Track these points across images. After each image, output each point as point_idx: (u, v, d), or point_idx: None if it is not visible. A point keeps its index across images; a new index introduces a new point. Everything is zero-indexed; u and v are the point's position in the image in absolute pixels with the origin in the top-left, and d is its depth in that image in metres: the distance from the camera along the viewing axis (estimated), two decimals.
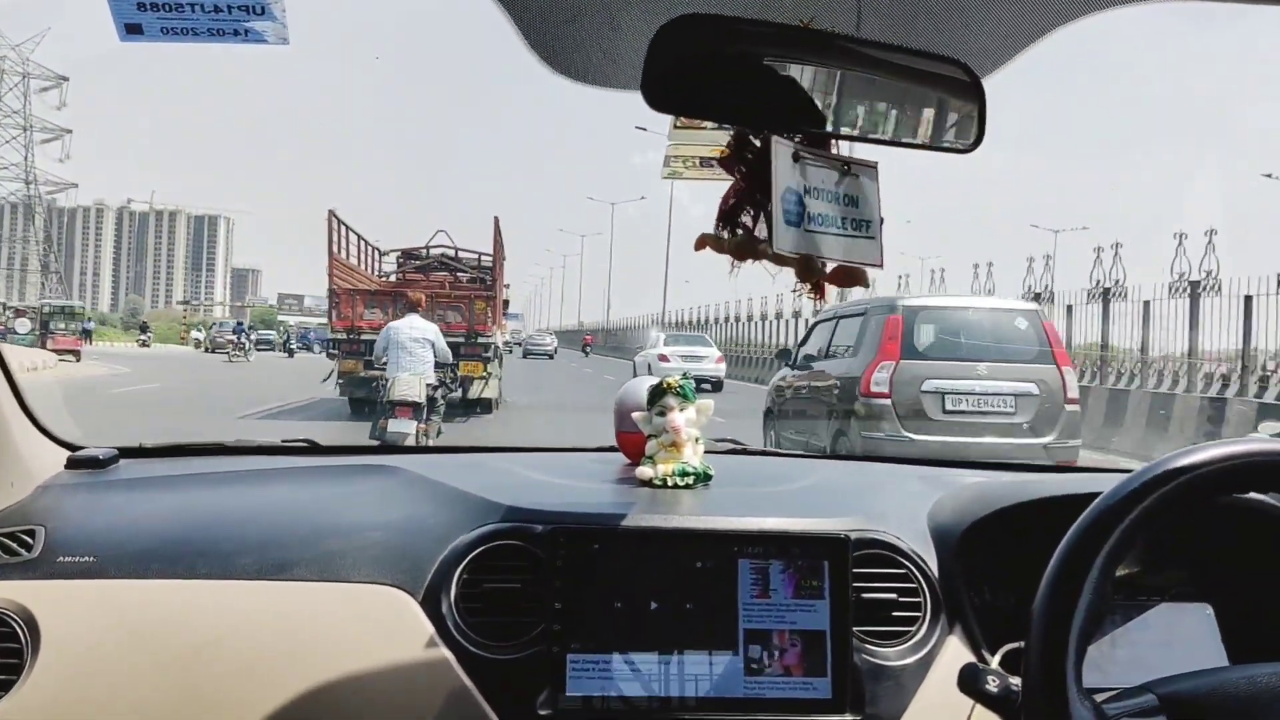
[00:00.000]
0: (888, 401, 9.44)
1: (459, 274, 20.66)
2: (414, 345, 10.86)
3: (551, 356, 50.18)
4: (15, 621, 1.52)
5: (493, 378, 17.34)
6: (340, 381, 16.42)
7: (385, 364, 10.94)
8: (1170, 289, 16.84)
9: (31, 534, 1.64)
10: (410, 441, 9.99)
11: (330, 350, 10.42)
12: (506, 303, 20.83)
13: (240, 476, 1.99)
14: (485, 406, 17.32)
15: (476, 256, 20.91)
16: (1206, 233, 16.25)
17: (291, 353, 52.27)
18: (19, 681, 1.49)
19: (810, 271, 1.29)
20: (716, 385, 23.25)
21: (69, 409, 11.27)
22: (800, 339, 12.65)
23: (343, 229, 18.63)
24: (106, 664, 1.51)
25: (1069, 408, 9.53)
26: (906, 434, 9.31)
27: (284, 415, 16.80)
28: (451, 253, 21.29)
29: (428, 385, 10.76)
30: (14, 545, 1.62)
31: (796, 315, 30.22)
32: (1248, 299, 15.52)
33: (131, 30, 1.37)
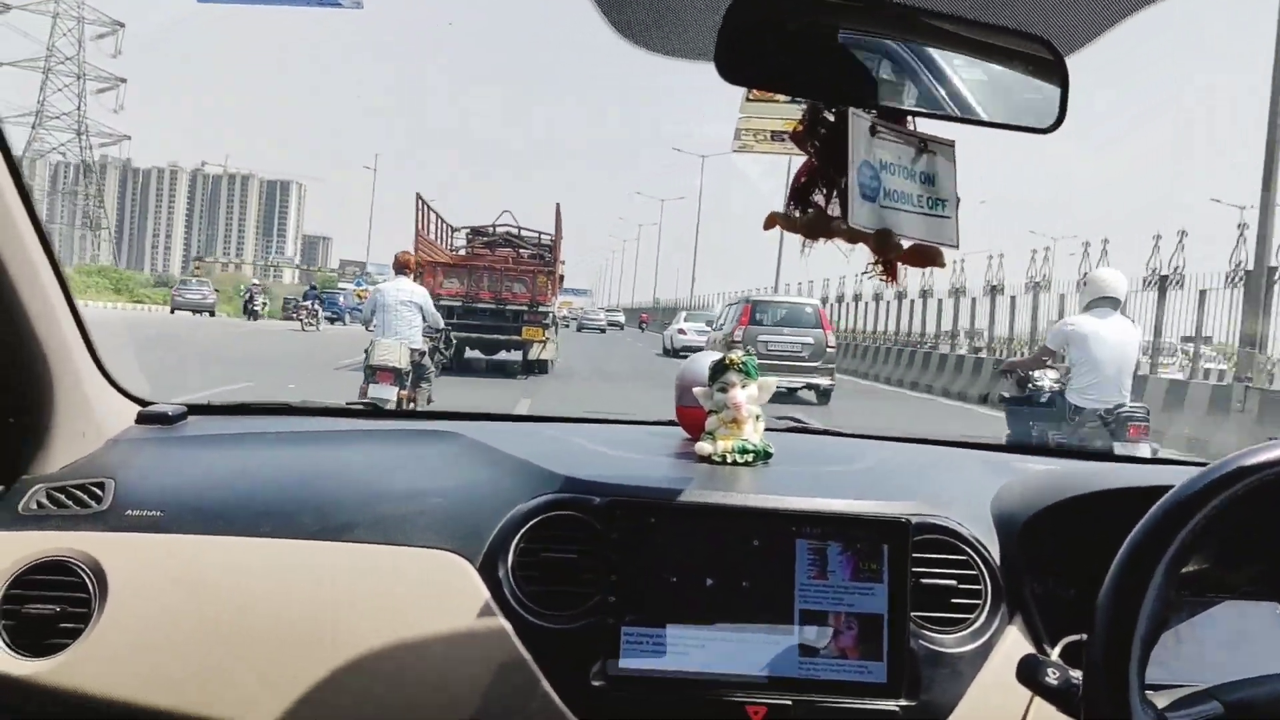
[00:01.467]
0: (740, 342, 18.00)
1: (521, 250, 22.55)
2: (401, 308, 10.32)
3: (603, 331, 57.31)
4: (85, 571, 1.56)
5: (550, 343, 20.21)
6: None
7: (374, 327, 10.44)
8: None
9: (101, 486, 1.68)
10: (390, 409, 9.53)
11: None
12: (562, 278, 23.21)
13: (304, 437, 2.02)
14: (542, 367, 20.38)
15: (537, 235, 22.94)
16: None
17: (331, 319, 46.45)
18: (86, 630, 1.53)
19: (886, 247, 1.26)
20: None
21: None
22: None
23: (425, 209, 21.45)
24: (169, 618, 1.54)
25: (829, 350, 19.24)
26: None
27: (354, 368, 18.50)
28: (515, 231, 23.21)
29: (414, 350, 10.33)
30: (85, 497, 1.66)
31: (878, 299, 30.40)
32: None
33: None
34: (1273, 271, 15.81)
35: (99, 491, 1.67)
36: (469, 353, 20.47)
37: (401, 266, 10.84)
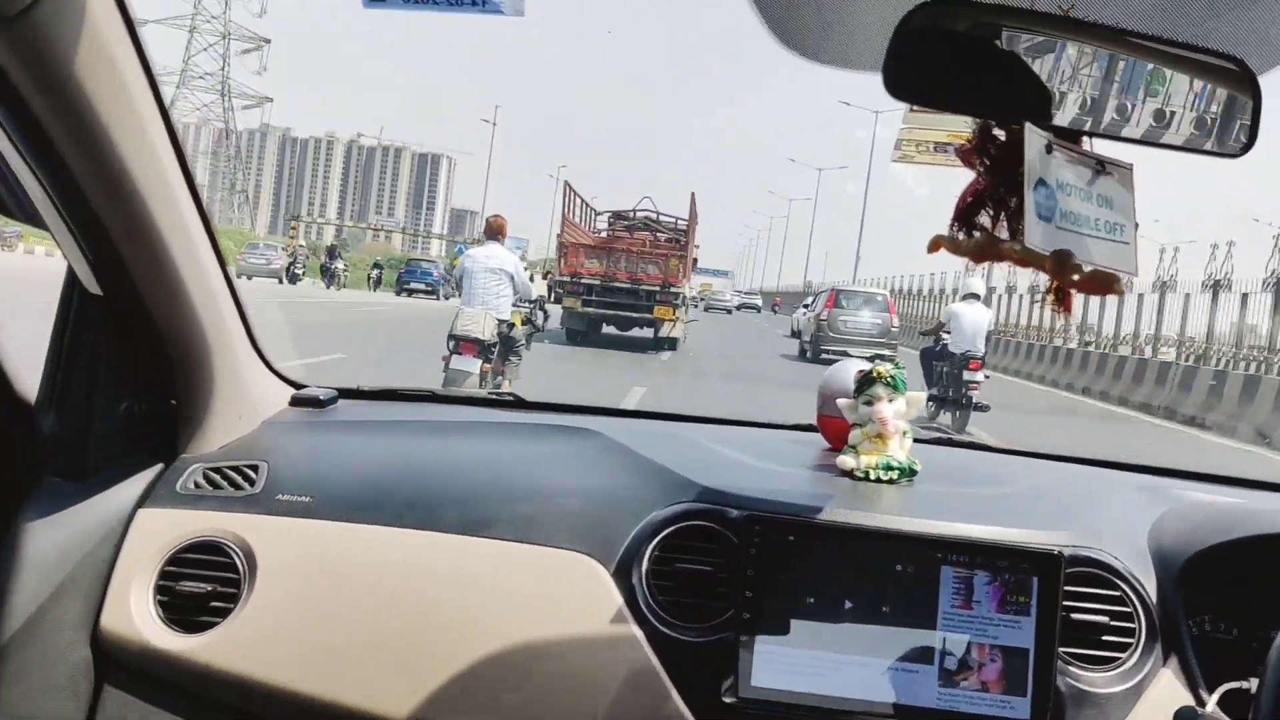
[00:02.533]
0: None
1: (658, 234, 23.95)
2: (488, 277, 9.56)
3: (730, 312, 61.93)
4: (236, 553, 1.61)
5: (680, 321, 22.16)
6: (564, 312, 21.85)
7: (462, 296, 9.84)
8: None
9: (255, 469, 1.73)
10: (473, 383, 9.29)
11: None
12: (696, 260, 25.17)
13: (447, 427, 2.05)
14: (671, 344, 22.13)
15: (674, 220, 24.37)
16: None
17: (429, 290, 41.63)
18: (235, 610, 1.58)
19: (1063, 269, 1.19)
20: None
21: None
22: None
23: (572, 195, 23.51)
24: (314, 603, 1.59)
25: (892, 330, 23.49)
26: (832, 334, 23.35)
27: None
28: (654, 216, 24.75)
29: (501, 322, 9.61)
30: (239, 479, 1.71)
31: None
32: None
33: None
34: None
35: (252, 474, 1.72)
36: (605, 328, 22.59)
37: (495, 232, 10.07)
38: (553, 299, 21.30)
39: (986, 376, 12.89)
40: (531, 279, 11.79)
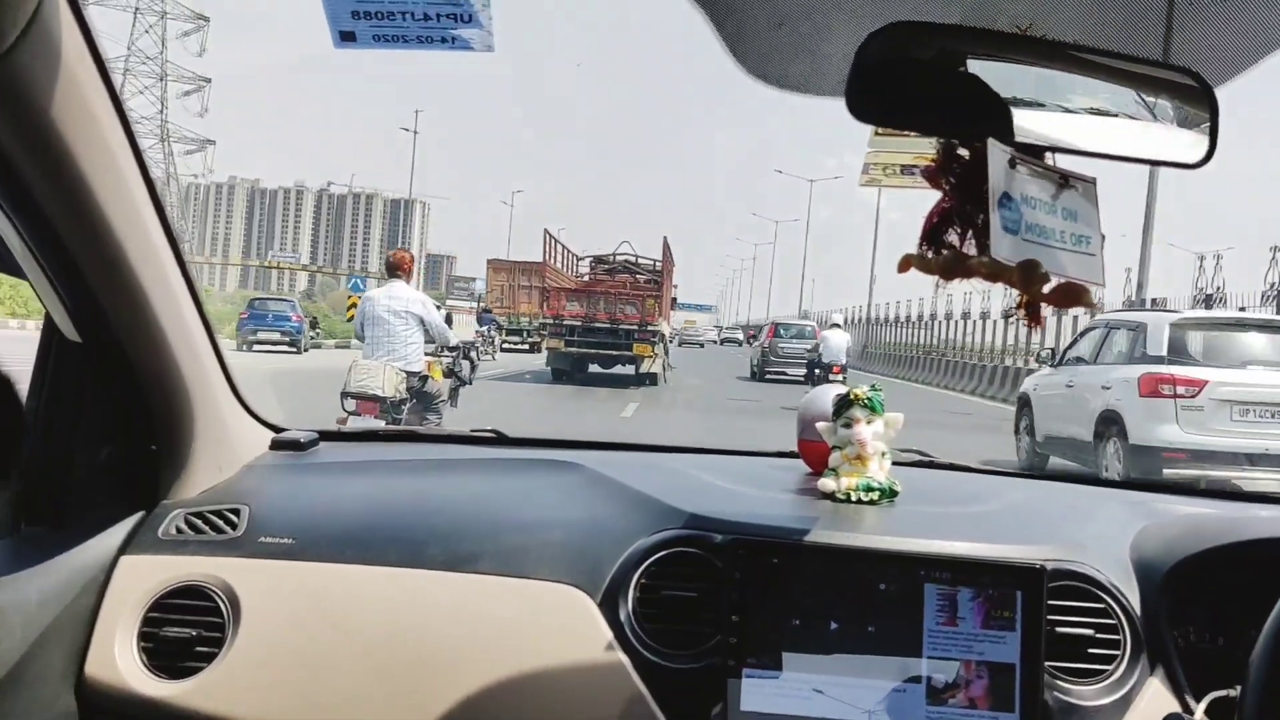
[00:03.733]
0: None
1: (637, 276, 25.31)
2: (393, 321, 8.12)
3: (702, 345, 65.74)
4: (220, 597, 1.60)
5: (658, 358, 23.09)
6: (548, 353, 23.73)
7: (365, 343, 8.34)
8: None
9: (237, 513, 1.73)
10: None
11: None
12: (674, 300, 27.29)
13: (429, 465, 2.05)
14: (652, 379, 23.17)
15: (653, 262, 25.79)
16: None
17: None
18: (220, 655, 1.57)
19: (1031, 281, 1.21)
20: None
21: None
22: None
23: (553, 242, 25.11)
24: (301, 644, 1.58)
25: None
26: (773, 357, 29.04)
27: (507, 379, 22.60)
28: (632, 259, 26.28)
29: (410, 374, 8.14)
30: (220, 523, 1.71)
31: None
32: None
33: (345, 38, 1.41)
34: None
35: (234, 518, 1.72)
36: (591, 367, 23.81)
37: (395, 268, 8.51)
38: (497, 343, 23.82)
39: (844, 379, 18.46)
40: (449, 320, 10.05)
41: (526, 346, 34.54)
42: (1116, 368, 10.25)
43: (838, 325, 21.88)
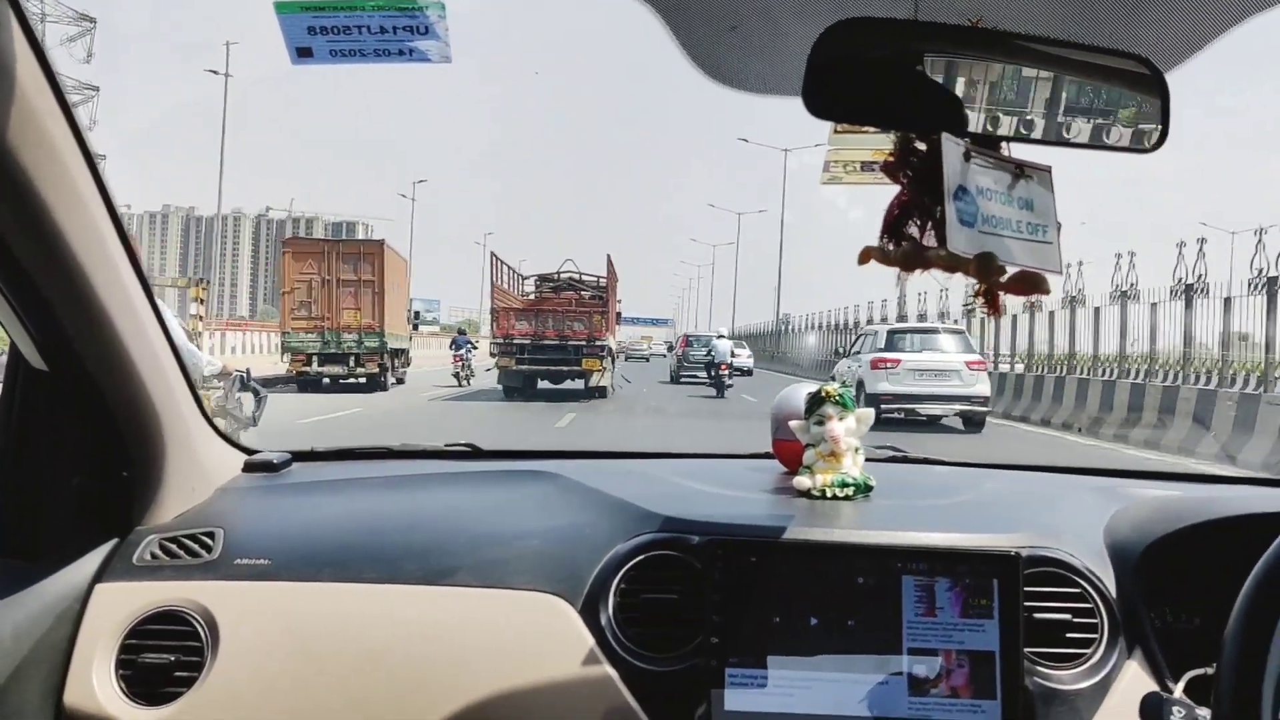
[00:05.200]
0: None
1: (582, 293, 25.62)
2: None
3: (647, 360, 66.21)
4: (197, 621, 1.59)
5: (607, 371, 23.78)
6: (499, 372, 23.40)
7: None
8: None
9: (211, 536, 1.71)
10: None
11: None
12: (620, 315, 27.86)
13: (405, 481, 2.04)
14: (601, 393, 23.61)
15: (596, 279, 26.08)
16: None
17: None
18: (200, 679, 1.55)
19: (988, 272, 1.22)
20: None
21: None
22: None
23: (499, 264, 25.03)
24: (281, 665, 1.56)
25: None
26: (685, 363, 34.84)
27: (463, 397, 23.38)
28: (577, 276, 26.55)
29: None
30: (196, 547, 1.69)
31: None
32: None
33: (303, 54, 1.41)
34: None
35: (209, 541, 1.70)
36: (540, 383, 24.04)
37: None
38: (474, 368, 24.31)
39: (729, 375, 25.93)
40: (194, 340, 8.37)
41: (362, 380, 24.96)
42: (864, 355, 18.98)
43: (723, 335, 28.21)
